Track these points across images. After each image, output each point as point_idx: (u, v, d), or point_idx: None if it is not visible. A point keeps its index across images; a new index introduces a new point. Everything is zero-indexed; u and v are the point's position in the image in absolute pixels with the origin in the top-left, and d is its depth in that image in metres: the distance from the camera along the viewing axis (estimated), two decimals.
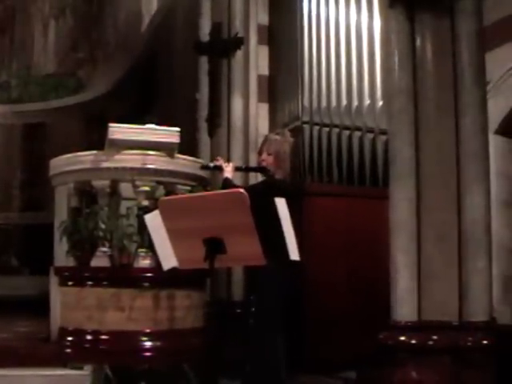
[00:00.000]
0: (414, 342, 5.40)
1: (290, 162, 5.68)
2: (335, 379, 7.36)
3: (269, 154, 5.60)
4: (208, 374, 5.14)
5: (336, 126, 8.72)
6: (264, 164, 5.63)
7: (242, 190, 4.08)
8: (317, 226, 8.03)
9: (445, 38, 5.85)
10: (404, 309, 5.56)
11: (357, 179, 8.66)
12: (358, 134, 8.73)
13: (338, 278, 8.01)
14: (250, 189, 4.78)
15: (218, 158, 5.58)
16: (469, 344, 5.28)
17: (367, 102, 8.85)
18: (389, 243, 5.80)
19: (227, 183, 5.42)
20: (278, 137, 5.78)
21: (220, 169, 5.54)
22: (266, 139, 5.86)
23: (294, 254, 4.56)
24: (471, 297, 5.39)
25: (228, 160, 8.41)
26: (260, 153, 5.79)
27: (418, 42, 5.91)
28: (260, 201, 4.39)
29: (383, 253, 5.98)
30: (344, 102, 8.82)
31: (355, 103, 8.85)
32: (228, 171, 5.39)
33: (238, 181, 7.23)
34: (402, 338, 5.42)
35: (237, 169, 5.68)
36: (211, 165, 5.49)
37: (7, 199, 16.61)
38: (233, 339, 5.35)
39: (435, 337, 5.37)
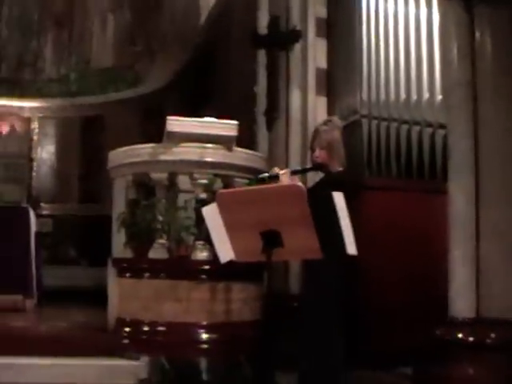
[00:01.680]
0: (471, 339, 5.33)
1: (344, 148, 5.49)
2: (391, 375, 7.31)
3: (321, 149, 5.41)
4: (264, 367, 5.12)
5: (394, 120, 8.62)
6: (319, 160, 5.44)
7: (299, 184, 4.08)
8: (375, 219, 7.96)
9: (504, 30, 5.77)
10: (461, 305, 5.50)
11: (415, 173, 8.57)
12: (416, 128, 8.62)
13: (394, 273, 7.93)
14: (311, 188, 4.74)
15: (275, 168, 5.38)
16: None
17: (426, 95, 8.74)
18: (447, 238, 5.74)
19: None
20: (326, 127, 5.57)
21: (276, 177, 5.28)
22: (316, 133, 5.63)
23: (352, 249, 4.53)
24: None
25: (286, 158, 8.46)
26: (312, 149, 5.56)
27: (477, 34, 5.83)
28: (318, 195, 4.36)
29: (441, 247, 5.92)
30: (403, 95, 8.72)
31: (414, 97, 8.74)
32: (283, 180, 5.19)
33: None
34: (460, 335, 5.36)
35: (293, 173, 5.43)
36: (267, 175, 5.31)
37: (66, 191, 16.82)
38: (289, 333, 5.32)
39: (493, 335, 5.29)
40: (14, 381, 6.61)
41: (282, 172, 5.18)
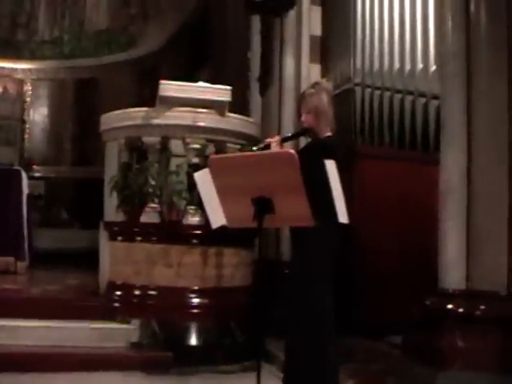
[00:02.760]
0: (461, 310, 5.34)
1: (333, 111, 5.27)
2: (381, 343, 7.37)
3: (308, 113, 5.22)
4: (254, 333, 5.16)
5: (388, 89, 8.59)
6: (305, 125, 5.26)
7: (291, 151, 4.07)
8: (367, 188, 7.97)
9: (499, 2, 5.73)
10: (452, 276, 5.50)
11: (408, 143, 8.57)
12: (410, 98, 8.61)
13: (387, 242, 7.95)
14: (299, 152, 4.68)
15: (266, 139, 5.29)
16: None
17: (420, 65, 8.71)
18: (438, 209, 5.74)
19: None
20: (312, 90, 5.33)
21: (268, 147, 5.21)
22: (302, 97, 5.43)
23: (343, 217, 4.53)
24: None
25: (279, 123, 8.43)
26: (299, 113, 5.40)
27: (472, 5, 5.78)
28: (309, 162, 4.34)
29: (433, 218, 5.93)
30: (397, 65, 8.68)
31: (408, 67, 8.71)
32: (274, 146, 5.13)
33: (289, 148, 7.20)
34: (449, 306, 5.37)
35: (283, 140, 5.36)
36: (261, 146, 5.26)
37: (59, 153, 16.81)
38: (280, 299, 5.34)
39: (483, 306, 5.31)
40: (5, 343, 6.63)
41: (272, 140, 5.13)
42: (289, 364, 4.97)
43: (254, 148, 5.32)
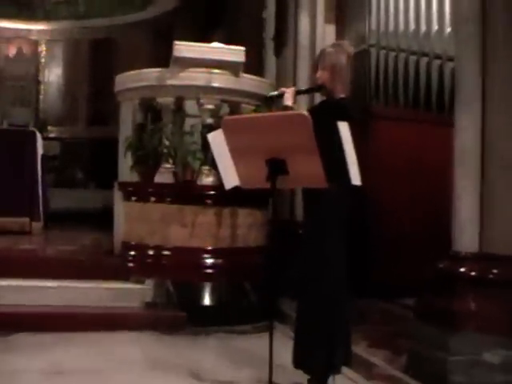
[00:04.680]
0: (473, 273, 5.32)
1: (351, 75, 5.16)
2: (395, 305, 7.39)
3: (323, 69, 5.09)
4: (268, 293, 5.17)
5: (403, 51, 8.52)
6: (319, 82, 5.14)
7: (304, 113, 4.06)
8: (382, 148, 7.93)
9: None
10: (465, 239, 5.46)
11: (423, 105, 8.52)
12: (425, 59, 8.54)
13: (401, 204, 7.93)
14: (311, 111, 4.64)
15: (282, 88, 5.26)
16: None
17: (435, 27, 8.63)
18: (453, 171, 5.72)
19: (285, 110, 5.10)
20: (332, 49, 5.23)
21: (282, 96, 5.18)
22: (321, 54, 5.32)
23: (356, 179, 4.51)
24: None
25: (294, 84, 8.35)
26: (315, 69, 5.27)
27: None
28: (322, 123, 4.32)
29: (448, 180, 5.91)
30: (412, 26, 8.60)
31: (423, 28, 8.62)
32: (287, 98, 5.08)
33: (303, 103, 7.18)
34: (462, 269, 5.35)
35: (298, 92, 5.34)
36: (275, 93, 5.24)
37: (74, 113, 16.82)
38: (294, 259, 5.34)
39: (495, 270, 5.29)
40: (20, 303, 6.71)
41: (287, 90, 5.08)
42: (300, 325, 4.99)
43: (269, 94, 5.33)
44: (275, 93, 5.24)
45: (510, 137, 5.27)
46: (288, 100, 4.96)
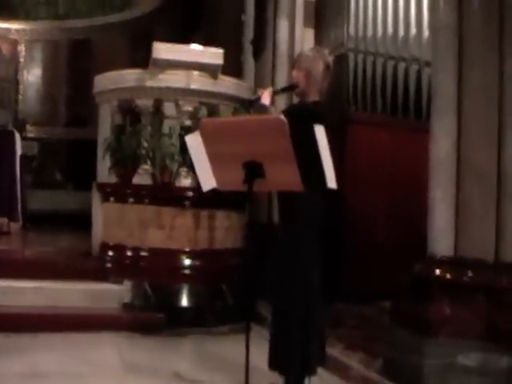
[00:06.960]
0: (448, 276, 5.38)
1: (328, 84, 5.17)
2: (370, 309, 7.44)
3: (299, 70, 5.13)
4: (245, 295, 5.20)
5: (381, 55, 8.58)
6: (293, 81, 5.19)
7: (282, 117, 4.08)
8: (359, 153, 7.98)
9: None
10: (440, 244, 5.50)
11: (401, 110, 8.56)
12: (403, 64, 8.60)
13: (377, 208, 7.98)
14: (286, 113, 4.65)
15: (260, 89, 5.28)
16: (504, 285, 5.26)
17: (414, 32, 8.68)
18: (429, 178, 5.76)
19: (260, 110, 5.13)
20: (311, 53, 5.29)
21: (260, 98, 5.21)
22: (299, 55, 5.42)
23: (332, 182, 4.54)
24: (508, 237, 5.33)
25: (272, 85, 8.38)
26: (292, 67, 5.32)
27: None
28: (297, 126, 4.34)
29: (424, 185, 5.96)
30: (390, 30, 8.65)
31: (401, 33, 8.68)
32: (265, 97, 5.11)
33: (282, 103, 7.20)
34: (437, 273, 5.41)
35: (274, 93, 5.37)
36: (253, 98, 5.27)
37: (52, 114, 16.73)
38: (271, 262, 5.37)
39: (470, 273, 5.35)
40: None
41: (264, 90, 5.10)
42: (275, 327, 5.02)
43: (251, 98, 5.36)
44: (253, 97, 5.27)
45: (485, 146, 5.32)
46: (265, 99, 4.99)
